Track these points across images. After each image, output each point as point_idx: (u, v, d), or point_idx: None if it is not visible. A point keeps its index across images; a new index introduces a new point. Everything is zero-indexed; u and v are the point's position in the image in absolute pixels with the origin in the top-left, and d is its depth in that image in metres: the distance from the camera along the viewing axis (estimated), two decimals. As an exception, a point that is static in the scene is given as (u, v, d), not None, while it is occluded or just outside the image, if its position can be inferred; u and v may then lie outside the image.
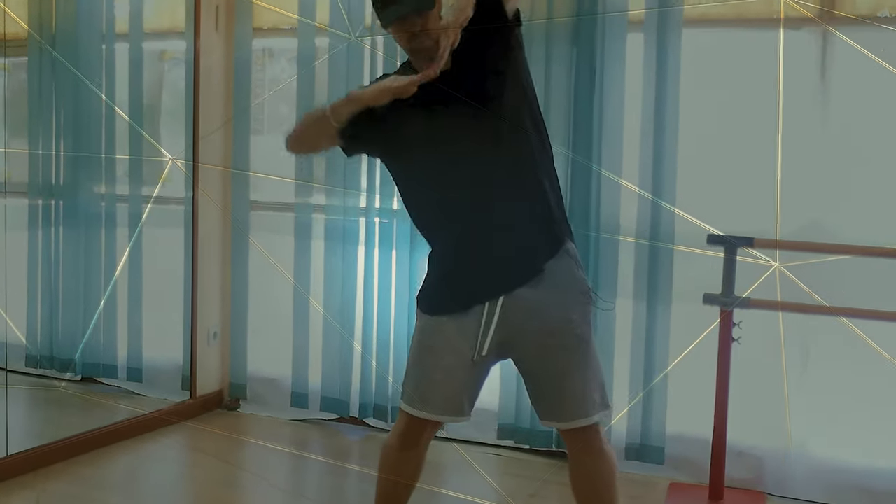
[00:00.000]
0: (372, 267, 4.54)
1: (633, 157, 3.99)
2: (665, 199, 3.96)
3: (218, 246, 4.92)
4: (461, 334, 2.59)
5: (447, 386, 2.62)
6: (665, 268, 3.99)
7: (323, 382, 4.70)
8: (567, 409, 2.58)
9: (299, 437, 4.62)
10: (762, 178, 3.78)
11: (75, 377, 5.04)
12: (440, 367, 2.61)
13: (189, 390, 4.84)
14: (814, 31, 3.80)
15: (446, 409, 2.63)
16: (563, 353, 2.57)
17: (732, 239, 3.67)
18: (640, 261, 4.03)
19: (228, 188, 4.88)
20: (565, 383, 2.57)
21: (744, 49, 3.89)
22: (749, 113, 3.82)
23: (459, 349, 2.59)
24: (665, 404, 4.03)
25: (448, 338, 2.60)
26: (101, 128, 4.89)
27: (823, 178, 3.77)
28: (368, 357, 4.56)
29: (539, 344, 2.57)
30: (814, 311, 3.68)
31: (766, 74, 3.74)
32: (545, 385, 2.60)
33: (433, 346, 2.63)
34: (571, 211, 4.07)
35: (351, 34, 4.44)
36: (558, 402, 2.59)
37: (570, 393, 2.57)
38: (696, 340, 3.83)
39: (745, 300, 3.64)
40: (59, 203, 5.00)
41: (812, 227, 3.79)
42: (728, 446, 3.74)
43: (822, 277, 3.70)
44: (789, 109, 3.72)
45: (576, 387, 2.57)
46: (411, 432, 2.68)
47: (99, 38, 4.90)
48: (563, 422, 2.60)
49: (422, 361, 2.65)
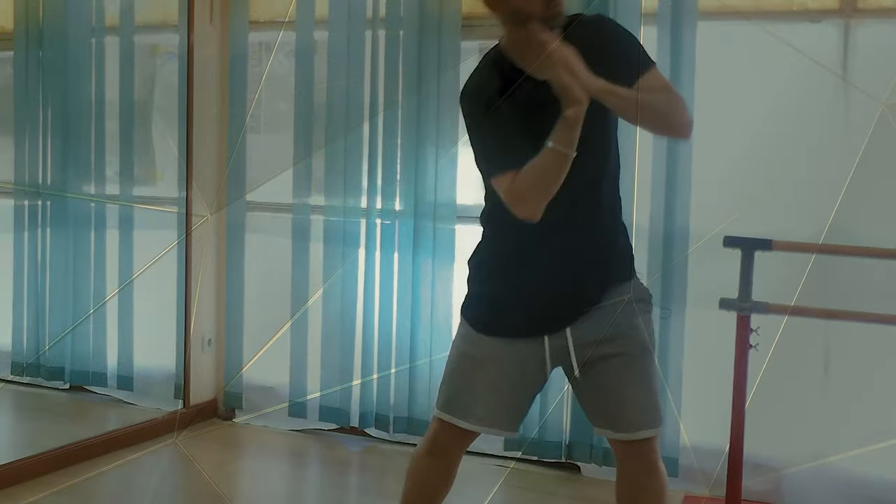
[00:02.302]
0: (373, 270, 4.55)
1: (646, 155, 4.00)
2: (679, 199, 3.97)
3: (212, 248, 4.93)
4: (520, 355, 2.56)
5: (498, 398, 2.59)
6: (679, 270, 4.00)
7: (322, 391, 4.72)
8: (628, 418, 2.55)
9: (297, 448, 4.63)
10: (781, 177, 3.79)
11: (63, 385, 5.05)
12: (488, 379, 2.58)
13: (182, 399, 4.85)
14: (835, 23, 3.81)
15: (493, 422, 2.60)
16: (627, 361, 2.54)
17: (750, 241, 3.68)
18: (653, 263, 4.04)
19: (223, 189, 4.88)
20: (627, 392, 2.54)
21: (761, 42, 3.89)
22: (767, 109, 3.82)
23: (514, 365, 2.56)
24: (679, 413, 4.04)
25: (502, 356, 2.57)
26: (90, 125, 4.90)
27: (846, 178, 3.76)
28: (369, 364, 4.57)
29: (602, 351, 2.54)
30: (835, 317, 3.68)
31: (784, 69, 3.75)
32: (606, 393, 2.56)
33: (480, 358, 2.59)
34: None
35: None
36: (618, 410, 2.55)
37: (632, 402, 2.55)
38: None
39: (763, 305, 3.64)
40: (46, 204, 5.01)
41: (833, 228, 3.79)
42: (745, 458, 3.74)
43: (843, 281, 3.70)
44: (809, 105, 3.72)
45: (639, 396, 2.55)
46: (441, 440, 2.67)
47: (88, 31, 4.91)
48: (624, 432, 2.56)
49: (464, 371, 2.61)
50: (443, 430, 2.65)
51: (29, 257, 5.00)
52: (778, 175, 3.81)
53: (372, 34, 4.52)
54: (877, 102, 3.50)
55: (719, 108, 3.90)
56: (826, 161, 3.76)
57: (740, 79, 3.88)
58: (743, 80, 3.87)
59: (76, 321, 4.99)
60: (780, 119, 3.77)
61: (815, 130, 3.74)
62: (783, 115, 3.75)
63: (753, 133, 3.88)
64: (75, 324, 4.97)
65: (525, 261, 2.53)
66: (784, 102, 3.75)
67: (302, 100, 4.63)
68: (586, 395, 2.61)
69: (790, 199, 3.81)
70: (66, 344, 5.00)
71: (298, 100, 4.65)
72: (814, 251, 3.73)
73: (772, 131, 3.83)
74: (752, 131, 3.88)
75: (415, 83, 4.39)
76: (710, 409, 3.88)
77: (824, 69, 3.75)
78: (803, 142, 3.74)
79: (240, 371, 4.87)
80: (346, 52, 4.53)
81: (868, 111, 3.73)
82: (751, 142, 3.89)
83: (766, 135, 3.85)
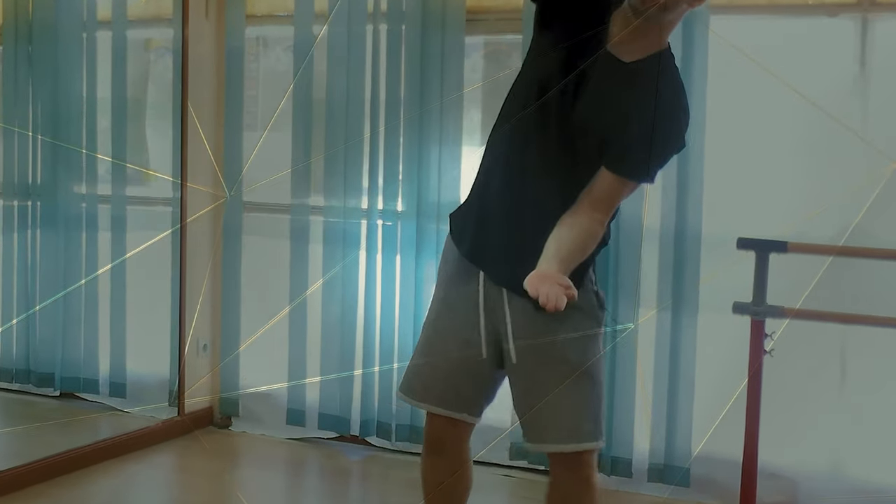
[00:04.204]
0: (374, 273, 4.56)
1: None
2: (691, 199, 3.98)
3: (208, 251, 4.94)
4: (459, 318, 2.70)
5: (445, 376, 2.73)
6: (692, 273, 4.01)
7: (321, 398, 4.72)
8: (558, 429, 2.63)
9: (295, 457, 4.64)
10: (797, 176, 3.80)
11: (53, 392, 5.06)
12: (435, 354, 2.73)
13: (177, 406, 4.86)
14: (852, 17, 3.82)
15: (446, 402, 2.72)
16: (562, 370, 2.61)
17: (765, 243, 3.69)
18: (664, 265, 4.05)
19: (219, 186, 4.89)
20: (560, 402, 2.61)
21: (776, 37, 3.90)
22: (782, 106, 3.83)
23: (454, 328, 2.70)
24: (691, 421, 4.05)
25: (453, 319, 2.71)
26: (81, 122, 4.92)
27: (864, 178, 3.77)
28: (371, 371, 4.59)
29: (537, 357, 2.63)
30: (852, 321, 3.69)
31: (800, 65, 3.76)
32: (538, 401, 2.64)
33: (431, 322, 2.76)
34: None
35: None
36: (548, 421, 2.63)
37: (565, 413, 2.62)
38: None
39: (778, 309, 3.65)
40: (36, 204, 5.02)
41: (852, 230, 3.80)
42: (759, 467, 3.75)
43: (862, 285, 3.71)
44: (825, 103, 3.73)
45: (571, 408, 2.62)
46: (430, 434, 2.80)
47: (79, 25, 4.92)
48: (551, 443, 2.65)
49: (419, 349, 2.79)
50: (427, 423, 2.78)
51: (18, 259, 5.00)
52: (794, 174, 3.82)
53: (373, 29, 4.53)
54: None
55: (733, 104, 3.92)
56: (845, 159, 3.76)
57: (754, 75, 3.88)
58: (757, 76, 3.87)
59: (67, 326, 4.99)
60: (797, 116, 3.77)
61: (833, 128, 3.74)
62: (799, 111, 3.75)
63: (768, 130, 3.89)
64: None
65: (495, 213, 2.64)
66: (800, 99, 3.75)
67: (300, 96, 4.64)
68: (520, 402, 2.70)
69: (807, 198, 3.81)
70: (57, 349, 5.00)
71: (296, 96, 4.65)
72: (831, 253, 3.74)
73: (787, 128, 3.84)
74: (767, 128, 3.89)
75: (417, 79, 4.40)
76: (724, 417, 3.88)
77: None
78: (820, 140, 3.75)
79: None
80: (347, 48, 4.55)
81: (889, 107, 3.75)
82: (765, 139, 3.90)
83: (782, 132, 3.85)
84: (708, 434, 3.73)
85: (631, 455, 4.13)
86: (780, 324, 3.65)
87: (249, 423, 4.94)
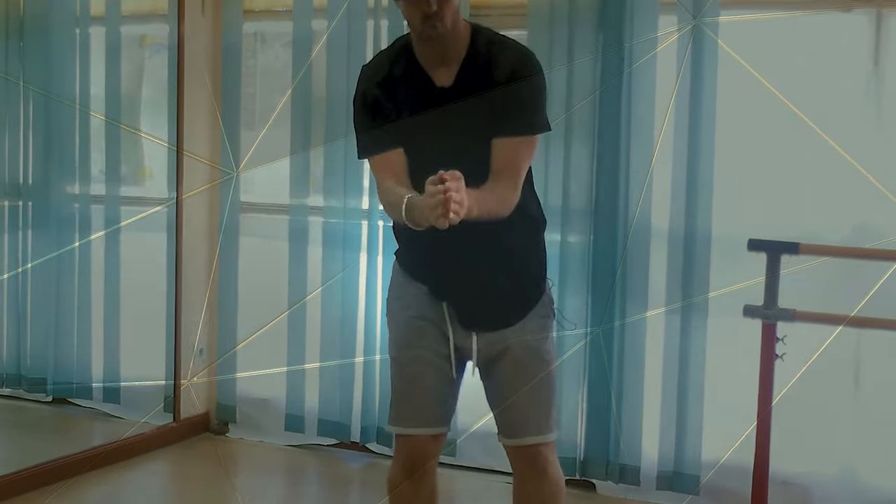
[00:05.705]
0: (375, 276, 4.57)
1: (667, 153, 4.02)
2: (701, 200, 3.99)
3: (204, 252, 4.94)
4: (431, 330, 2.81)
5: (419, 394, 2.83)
6: (701, 275, 4.02)
7: (321, 404, 4.72)
8: (513, 423, 2.80)
9: (294, 464, 4.65)
10: (809, 176, 3.80)
11: (46, 398, 5.07)
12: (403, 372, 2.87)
13: (172, 413, 4.87)
14: (866, 13, 3.83)
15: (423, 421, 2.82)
16: (515, 365, 2.78)
17: (776, 244, 3.69)
18: (672, 267, 4.07)
19: (216, 188, 4.90)
20: (514, 396, 2.76)
21: (789, 33, 3.91)
22: (794, 104, 3.84)
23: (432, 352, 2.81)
24: (700, 428, 4.05)
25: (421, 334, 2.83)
26: (74, 121, 4.92)
27: (878, 177, 3.78)
28: (371, 375, 4.59)
29: (494, 353, 2.77)
30: (866, 325, 3.69)
31: (812, 62, 3.77)
32: (496, 395, 2.82)
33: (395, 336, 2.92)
34: (597, 211, 4.11)
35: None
36: (503, 414, 2.80)
37: (518, 407, 2.78)
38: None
39: (789, 312, 3.65)
40: (27, 204, 5.03)
41: (865, 231, 3.81)
42: (771, 474, 3.76)
43: (875, 287, 3.71)
44: (838, 100, 3.74)
45: (525, 401, 2.77)
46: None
47: (72, 21, 4.93)
48: (508, 437, 2.82)
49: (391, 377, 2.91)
50: (407, 446, 2.88)
51: (9, 261, 5.01)
52: (806, 174, 3.82)
53: (374, 24, 4.54)
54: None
55: (743, 103, 3.92)
56: (857, 158, 3.77)
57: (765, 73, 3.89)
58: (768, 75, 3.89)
59: (59, 330, 4.99)
60: (808, 115, 3.78)
61: (846, 127, 3.76)
62: (811, 110, 3.76)
63: (779, 130, 3.89)
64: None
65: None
66: (812, 98, 3.76)
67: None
68: (488, 395, 2.86)
69: (819, 199, 3.82)
70: (49, 354, 5.00)
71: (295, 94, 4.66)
72: (844, 255, 3.75)
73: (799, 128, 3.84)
74: (778, 128, 3.90)
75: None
76: (734, 423, 3.89)
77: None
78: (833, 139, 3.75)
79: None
80: (347, 44, 4.55)
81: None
82: (777, 139, 3.91)
83: (793, 132, 3.86)
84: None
85: (639, 462, 4.14)
86: (792, 327, 3.66)
87: (247, 429, 4.94)
